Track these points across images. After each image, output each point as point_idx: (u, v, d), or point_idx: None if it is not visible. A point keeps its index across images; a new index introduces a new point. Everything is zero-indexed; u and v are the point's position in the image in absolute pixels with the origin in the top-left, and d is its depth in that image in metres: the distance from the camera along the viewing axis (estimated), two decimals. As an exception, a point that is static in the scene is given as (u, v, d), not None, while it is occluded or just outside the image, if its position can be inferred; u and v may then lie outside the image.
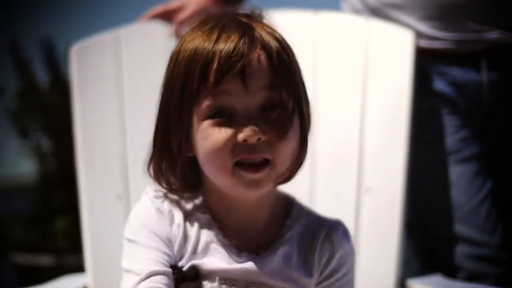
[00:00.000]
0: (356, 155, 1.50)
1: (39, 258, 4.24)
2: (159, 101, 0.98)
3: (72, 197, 1.80)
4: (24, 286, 1.37)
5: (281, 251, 0.97)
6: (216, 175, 0.94)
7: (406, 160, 1.47)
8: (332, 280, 0.99)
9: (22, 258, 4.30)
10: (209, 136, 0.91)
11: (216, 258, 0.97)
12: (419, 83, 1.54)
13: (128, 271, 0.96)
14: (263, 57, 0.91)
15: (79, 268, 1.56)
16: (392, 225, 1.45)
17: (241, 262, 0.96)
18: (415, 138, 1.51)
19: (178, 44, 0.97)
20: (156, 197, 1.01)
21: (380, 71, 1.53)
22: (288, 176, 0.98)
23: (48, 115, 4.54)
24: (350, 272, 1.00)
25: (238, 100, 0.91)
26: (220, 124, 0.91)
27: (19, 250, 4.39)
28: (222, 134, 0.90)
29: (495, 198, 1.59)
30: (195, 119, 0.93)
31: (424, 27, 1.58)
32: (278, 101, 0.92)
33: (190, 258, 0.97)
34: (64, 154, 4.36)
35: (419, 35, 1.56)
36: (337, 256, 0.99)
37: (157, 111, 0.98)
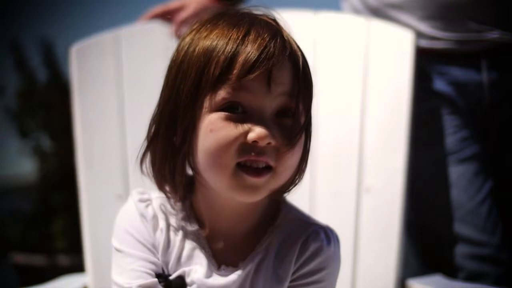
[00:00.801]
0: (356, 155, 1.50)
1: (39, 258, 4.23)
2: (164, 88, 0.93)
3: (72, 197, 1.80)
4: (24, 286, 1.37)
5: (256, 260, 0.95)
6: (214, 174, 0.90)
7: (406, 160, 1.47)
8: (304, 281, 0.94)
9: (22, 258, 4.30)
10: (218, 129, 0.87)
11: (199, 266, 0.95)
12: (419, 83, 1.53)
13: (116, 284, 0.95)
14: (290, 63, 0.89)
15: (79, 268, 1.56)
16: (392, 225, 1.45)
17: (220, 275, 0.94)
18: (415, 138, 1.51)
19: (188, 35, 0.93)
20: (141, 200, 0.99)
21: (380, 71, 1.53)
22: (284, 190, 0.95)
23: (48, 115, 4.53)
24: (327, 280, 0.95)
25: (257, 100, 0.87)
26: (231, 119, 0.87)
27: (19, 250, 4.38)
28: (232, 129, 0.86)
29: (495, 198, 1.59)
30: (205, 107, 0.88)
31: (424, 27, 1.58)
32: (293, 110, 0.89)
33: (175, 266, 0.96)
34: (64, 154, 4.36)
35: (419, 35, 1.56)
36: (315, 261, 0.94)
37: (161, 98, 0.94)
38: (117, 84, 1.56)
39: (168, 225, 0.97)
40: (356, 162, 1.50)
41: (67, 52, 1.58)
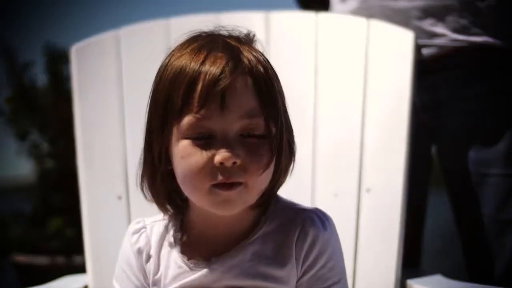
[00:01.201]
0: (356, 155, 1.50)
1: (39, 258, 4.24)
2: (147, 112, 1.00)
3: (72, 198, 1.80)
4: (24, 286, 1.37)
5: (252, 249, 0.98)
6: (191, 194, 0.97)
7: (406, 160, 1.47)
8: (314, 270, 0.98)
9: (22, 259, 4.30)
10: (188, 156, 0.93)
11: (179, 274, 1.00)
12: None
13: None
14: (246, 83, 0.93)
15: (79, 268, 1.56)
16: (392, 225, 1.44)
17: (211, 269, 0.98)
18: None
19: (167, 57, 0.99)
20: (134, 232, 1.05)
21: (380, 71, 1.53)
22: (272, 192, 1.00)
23: (47, 115, 4.54)
24: (333, 258, 0.99)
25: (218, 125, 0.92)
26: (198, 145, 0.93)
27: (19, 251, 4.39)
28: (200, 156, 0.92)
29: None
30: (174, 134, 0.94)
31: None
32: (257, 128, 0.94)
33: (165, 286, 1.01)
34: (63, 154, 4.37)
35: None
36: (316, 248, 0.98)
37: (145, 121, 1.00)
38: (117, 84, 1.56)
39: (160, 248, 1.03)
40: (357, 162, 1.50)
41: (67, 52, 1.58)
